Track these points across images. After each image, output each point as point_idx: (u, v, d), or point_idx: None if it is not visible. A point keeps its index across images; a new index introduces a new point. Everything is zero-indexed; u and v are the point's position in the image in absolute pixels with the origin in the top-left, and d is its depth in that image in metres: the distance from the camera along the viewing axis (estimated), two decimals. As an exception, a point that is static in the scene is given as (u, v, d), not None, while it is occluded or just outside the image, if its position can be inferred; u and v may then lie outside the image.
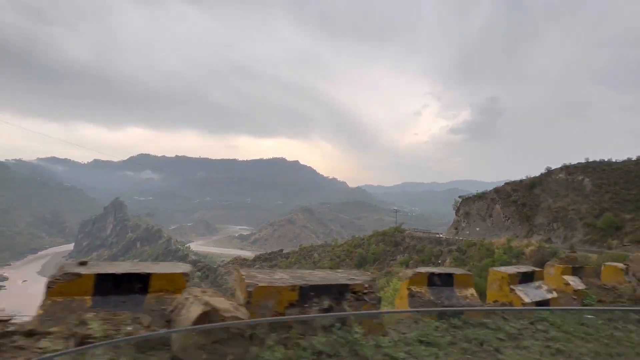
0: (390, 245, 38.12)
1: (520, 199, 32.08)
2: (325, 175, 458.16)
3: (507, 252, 24.87)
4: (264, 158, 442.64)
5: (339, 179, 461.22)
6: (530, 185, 33.07)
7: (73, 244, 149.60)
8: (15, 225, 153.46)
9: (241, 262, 56.28)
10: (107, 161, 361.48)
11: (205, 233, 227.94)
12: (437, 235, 35.11)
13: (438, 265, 30.95)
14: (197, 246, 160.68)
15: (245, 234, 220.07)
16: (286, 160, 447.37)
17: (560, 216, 28.16)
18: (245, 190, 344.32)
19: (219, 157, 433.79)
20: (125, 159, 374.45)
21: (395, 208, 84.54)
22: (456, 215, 38.39)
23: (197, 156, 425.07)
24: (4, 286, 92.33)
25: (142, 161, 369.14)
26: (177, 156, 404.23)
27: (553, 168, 33.00)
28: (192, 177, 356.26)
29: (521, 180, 34.11)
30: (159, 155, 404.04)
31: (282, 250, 58.09)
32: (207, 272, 61.36)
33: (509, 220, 31.97)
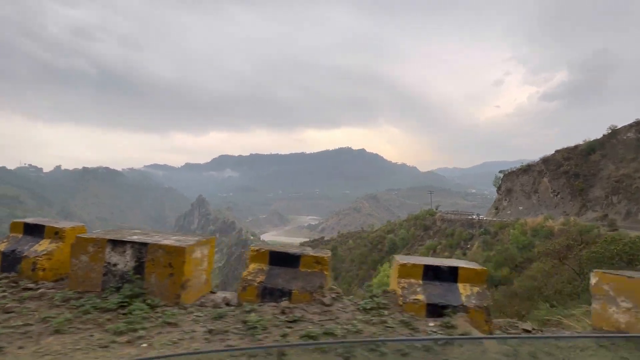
0: (421, 229, 35.52)
1: (573, 169, 26.09)
2: (393, 162, 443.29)
3: (530, 233, 21.08)
4: (330, 149, 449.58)
5: (408, 164, 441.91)
6: (587, 151, 26.46)
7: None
8: (130, 222, 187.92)
9: (288, 249, 59.07)
10: (195, 164, 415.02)
11: (278, 224, 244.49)
12: (470, 217, 31.18)
13: (466, 250, 27.81)
14: (270, 236, 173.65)
15: (313, 223, 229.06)
16: (352, 149, 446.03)
17: (622, 187, 22.03)
18: (314, 181, 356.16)
19: (288, 152, 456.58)
20: (209, 160, 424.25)
21: (430, 191, 76.63)
22: (498, 192, 33.14)
23: (269, 152, 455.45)
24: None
25: (223, 161, 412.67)
26: (251, 154, 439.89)
27: (620, 126, 25.75)
28: (265, 172, 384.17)
29: (576, 146, 27.52)
30: (236, 154, 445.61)
31: (323, 237, 59.33)
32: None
33: (559, 196, 26.40)
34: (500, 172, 33.28)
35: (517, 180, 30.91)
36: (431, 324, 2.54)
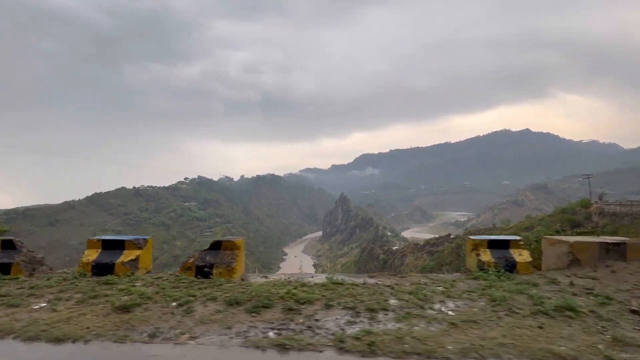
0: (567, 225, 26.85)
1: None
2: (575, 140, 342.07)
3: None
4: (481, 135, 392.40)
5: (600, 141, 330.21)
6: None
7: (322, 231, 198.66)
8: (290, 218, 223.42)
9: (413, 247, 56.48)
10: (340, 165, 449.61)
11: (421, 220, 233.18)
12: (650, 209, 20.75)
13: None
14: (412, 233, 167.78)
15: (462, 220, 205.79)
16: (510, 131, 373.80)
17: None
18: (462, 173, 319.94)
19: (429, 144, 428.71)
20: (351, 160, 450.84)
21: (588, 175, 51.61)
22: None
23: (409, 147, 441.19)
24: (285, 258, 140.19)
25: (364, 160, 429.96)
26: (390, 150, 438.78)
27: None
28: (406, 167, 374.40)
29: None
30: (376, 152, 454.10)
31: (449, 235, 53.15)
32: (389, 254, 66.07)
33: None
34: None
35: None
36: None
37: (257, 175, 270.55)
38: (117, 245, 5.22)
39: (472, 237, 5.21)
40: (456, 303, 3.53)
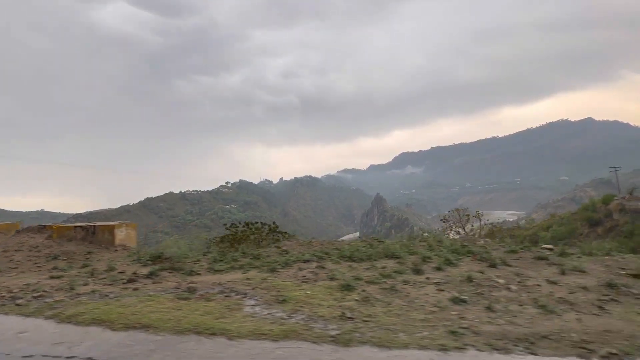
0: (585, 224, 24.37)
1: None
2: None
3: None
4: (534, 127, 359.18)
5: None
6: None
7: (358, 232, 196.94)
8: (327, 219, 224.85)
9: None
10: (379, 165, 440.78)
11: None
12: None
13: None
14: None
15: (511, 219, 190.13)
16: (569, 121, 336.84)
17: None
18: (513, 169, 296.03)
19: (475, 139, 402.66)
20: (390, 160, 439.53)
21: (614, 167, 43.28)
22: None
23: (452, 143, 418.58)
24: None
25: (403, 159, 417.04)
26: (432, 148, 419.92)
27: None
28: (449, 165, 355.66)
29: None
30: (417, 150, 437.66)
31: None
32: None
33: None
34: None
35: None
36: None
37: (295, 178, 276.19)
38: None
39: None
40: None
